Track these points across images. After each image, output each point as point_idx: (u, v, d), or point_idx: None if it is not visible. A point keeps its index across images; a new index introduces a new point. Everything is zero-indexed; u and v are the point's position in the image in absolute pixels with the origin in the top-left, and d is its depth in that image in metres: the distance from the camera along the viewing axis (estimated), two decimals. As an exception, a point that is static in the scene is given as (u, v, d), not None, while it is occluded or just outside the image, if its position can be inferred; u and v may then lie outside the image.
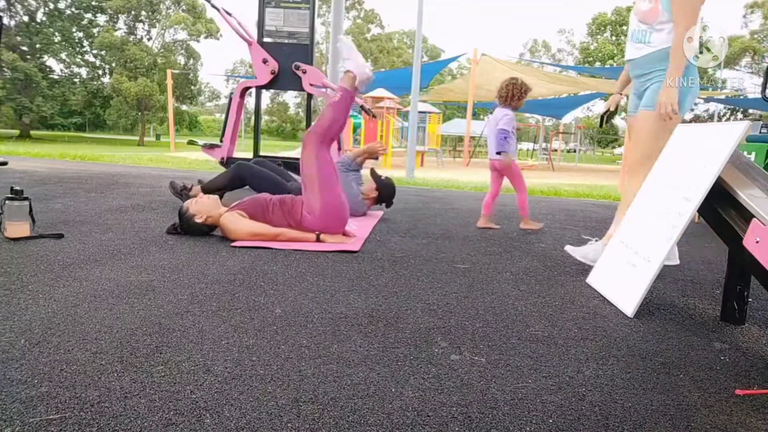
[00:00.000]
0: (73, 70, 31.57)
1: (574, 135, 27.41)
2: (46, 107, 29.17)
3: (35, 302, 1.57)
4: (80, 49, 31.15)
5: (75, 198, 3.72)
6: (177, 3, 31.75)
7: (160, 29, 32.33)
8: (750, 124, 1.76)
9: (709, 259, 2.84)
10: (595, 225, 3.90)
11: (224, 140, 4.69)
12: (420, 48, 8.29)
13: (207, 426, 0.97)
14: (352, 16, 45.97)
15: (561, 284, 2.15)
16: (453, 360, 1.33)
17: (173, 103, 20.71)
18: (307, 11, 4.73)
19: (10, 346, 1.26)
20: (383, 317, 1.62)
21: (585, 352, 1.43)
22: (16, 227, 2.35)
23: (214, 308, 1.61)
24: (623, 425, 1.06)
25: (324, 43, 28.10)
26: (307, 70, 4.61)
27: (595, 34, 37.65)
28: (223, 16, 4.54)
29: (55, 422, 0.95)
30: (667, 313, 1.83)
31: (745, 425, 1.09)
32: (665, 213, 1.85)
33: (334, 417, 1.03)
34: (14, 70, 25.59)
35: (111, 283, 1.80)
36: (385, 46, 46.78)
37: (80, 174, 5.51)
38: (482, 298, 1.89)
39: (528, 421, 1.06)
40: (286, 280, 1.97)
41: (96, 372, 1.15)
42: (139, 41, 31.63)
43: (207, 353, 1.28)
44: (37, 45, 28.39)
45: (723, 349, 1.52)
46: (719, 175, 1.67)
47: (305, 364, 1.26)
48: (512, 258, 2.60)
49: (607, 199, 6.34)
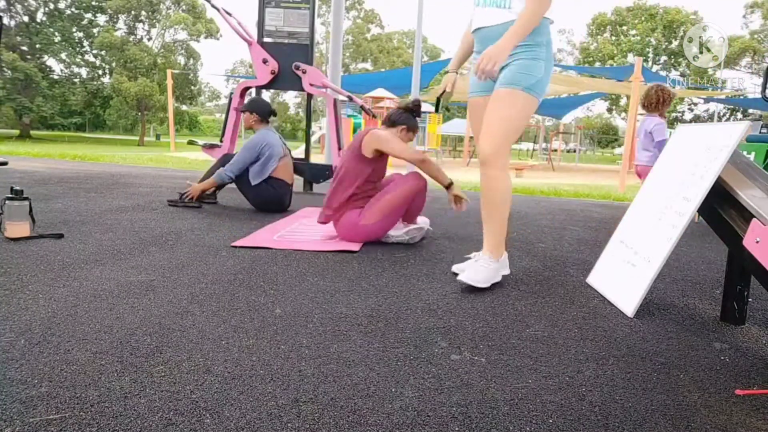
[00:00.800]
0: (73, 70, 31.54)
1: (574, 135, 27.39)
2: (46, 107, 29.17)
3: (35, 302, 1.57)
4: (80, 49, 31.13)
5: (75, 198, 3.72)
6: (177, 3, 31.73)
7: (160, 29, 32.32)
8: (750, 124, 1.76)
9: (709, 259, 2.84)
10: (595, 225, 3.90)
11: (224, 140, 4.69)
12: (420, 48, 8.29)
13: (207, 426, 0.97)
14: (352, 16, 45.96)
15: (561, 284, 2.15)
16: (453, 360, 1.33)
17: (173, 103, 20.71)
18: (307, 11, 4.73)
19: (10, 346, 1.26)
20: (383, 317, 1.62)
21: (585, 352, 1.43)
22: (16, 227, 2.35)
23: (214, 308, 1.61)
24: (623, 425, 1.06)
25: (324, 43, 28.12)
26: (307, 70, 4.61)
27: (595, 35, 37.64)
28: (223, 16, 4.54)
29: (55, 422, 0.95)
30: (667, 313, 1.83)
31: (745, 425, 1.09)
32: (665, 213, 1.85)
33: (334, 417, 1.03)
34: (14, 70, 25.57)
35: (111, 283, 1.80)
36: (385, 46, 46.76)
37: (80, 174, 5.51)
38: (482, 298, 1.89)
39: (528, 421, 1.06)
40: (286, 281, 1.97)
41: (96, 372, 1.15)
42: (139, 41, 31.62)
43: (207, 353, 1.28)
44: (37, 45, 28.38)
45: (723, 349, 1.52)
46: (719, 175, 1.67)
47: (305, 364, 1.26)
48: (512, 258, 2.60)
49: (607, 199, 6.34)
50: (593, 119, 43.86)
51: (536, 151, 24.46)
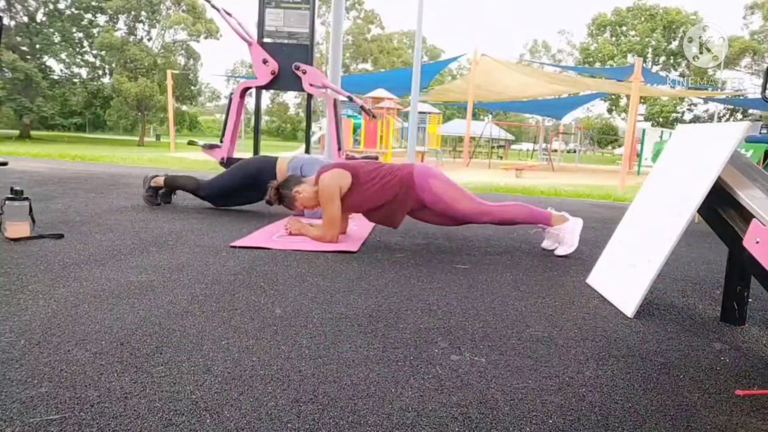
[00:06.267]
0: (73, 70, 31.55)
1: (574, 135, 27.41)
2: (47, 108, 29.15)
3: (35, 302, 1.57)
4: (80, 49, 31.11)
5: (75, 198, 3.72)
6: (177, 3, 31.73)
7: (160, 29, 32.32)
8: (750, 125, 1.76)
9: (709, 259, 2.84)
10: (595, 225, 3.90)
11: (224, 140, 4.69)
12: (420, 48, 8.29)
13: (207, 426, 0.97)
14: (352, 16, 45.98)
15: (561, 284, 2.15)
16: (453, 360, 1.33)
17: (173, 103, 20.71)
18: (307, 11, 4.73)
19: (10, 346, 1.26)
20: (383, 317, 1.62)
21: (585, 353, 1.43)
22: (16, 227, 2.35)
23: (214, 309, 1.61)
24: (623, 425, 1.06)
25: (324, 44, 28.10)
26: (307, 71, 4.61)
27: (595, 35, 37.66)
28: (223, 16, 4.54)
29: (55, 422, 0.95)
30: (667, 314, 1.83)
31: (745, 425, 1.09)
32: (665, 213, 1.85)
33: (334, 417, 1.03)
34: (14, 71, 25.56)
35: (111, 283, 1.80)
36: (385, 46, 46.79)
37: (80, 174, 5.51)
38: (482, 298, 1.89)
39: (528, 421, 1.06)
40: (286, 281, 1.97)
41: (96, 372, 1.15)
42: (139, 41, 31.60)
43: (207, 353, 1.28)
44: (37, 45, 28.38)
45: (723, 350, 1.52)
46: (719, 175, 1.67)
47: (305, 364, 1.26)
48: (512, 258, 2.60)
49: (607, 199, 6.34)
50: (593, 119, 43.87)
51: (536, 151, 24.45)
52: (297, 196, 2.73)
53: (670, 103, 33.38)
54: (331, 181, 2.59)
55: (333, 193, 2.58)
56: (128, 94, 28.14)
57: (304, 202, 2.75)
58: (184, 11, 31.44)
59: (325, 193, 2.59)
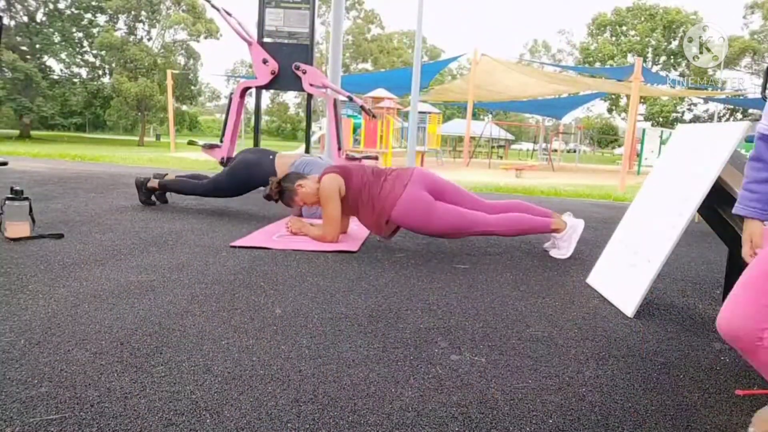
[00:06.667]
0: (73, 70, 31.54)
1: (574, 135, 27.40)
2: (47, 107, 29.14)
3: (35, 302, 1.57)
4: (80, 49, 31.11)
5: (75, 198, 3.72)
6: (177, 3, 31.72)
7: (160, 29, 32.31)
8: (750, 125, 1.76)
9: (709, 259, 2.84)
10: (595, 225, 3.90)
11: (224, 140, 4.69)
12: (420, 48, 8.29)
13: (207, 426, 0.97)
14: (352, 16, 45.96)
15: (561, 284, 2.15)
16: (453, 360, 1.33)
17: (173, 103, 20.70)
18: (307, 11, 4.73)
19: (10, 346, 1.26)
20: (383, 317, 1.62)
21: (585, 353, 1.43)
22: (16, 227, 2.35)
23: (214, 308, 1.61)
24: (623, 425, 1.06)
25: (324, 43, 28.11)
26: (307, 71, 4.61)
27: (595, 35, 37.65)
28: (223, 16, 4.54)
29: (55, 422, 0.95)
30: (667, 314, 1.83)
31: (745, 425, 1.09)
32: (665, 213, 1.85)
33: (334, 417, 1.03)
34: (14, 70, 25.55)
35: (111, 283, 1.80)
36: (385, 46, 46.77)
37: (80, 174, 5.51)
38: (482, 298, 1.89)
39: (528, 421, 1.06)
40: (286, 281, 1.97)
41: (96, 372, 1.15)
42: (139, 41, 31.60)
43: (207, 353, 1.28)
44: (37, 45, 28.37)
45: (723, 350, 1.52)
46: (719, 175, 1.67)
47: (305, 364, 1.26)
48: (512, 258, 2.60)
49: (608, 199, 6.34)
50: (593, 119, 43.86)
51: (536, 151, 24.44)
52: (299, 189, 2.74)
53: (670, 103, 33.39)
54: (332, 181, 2.62)
55: (333, 193, 2.60)
56: (128, 94, 28.13)
57: (305, 197, 2.75)
58: (184, 11, 31.43)
59: (325, 192, 2.61)
